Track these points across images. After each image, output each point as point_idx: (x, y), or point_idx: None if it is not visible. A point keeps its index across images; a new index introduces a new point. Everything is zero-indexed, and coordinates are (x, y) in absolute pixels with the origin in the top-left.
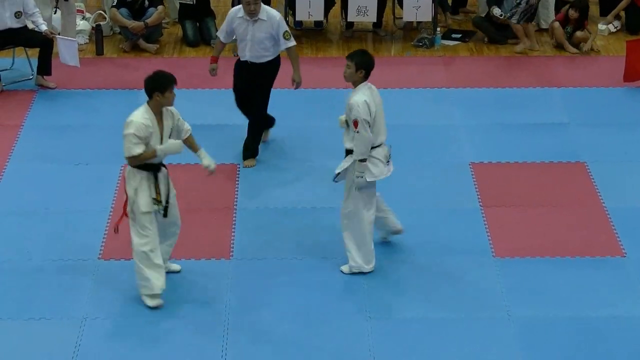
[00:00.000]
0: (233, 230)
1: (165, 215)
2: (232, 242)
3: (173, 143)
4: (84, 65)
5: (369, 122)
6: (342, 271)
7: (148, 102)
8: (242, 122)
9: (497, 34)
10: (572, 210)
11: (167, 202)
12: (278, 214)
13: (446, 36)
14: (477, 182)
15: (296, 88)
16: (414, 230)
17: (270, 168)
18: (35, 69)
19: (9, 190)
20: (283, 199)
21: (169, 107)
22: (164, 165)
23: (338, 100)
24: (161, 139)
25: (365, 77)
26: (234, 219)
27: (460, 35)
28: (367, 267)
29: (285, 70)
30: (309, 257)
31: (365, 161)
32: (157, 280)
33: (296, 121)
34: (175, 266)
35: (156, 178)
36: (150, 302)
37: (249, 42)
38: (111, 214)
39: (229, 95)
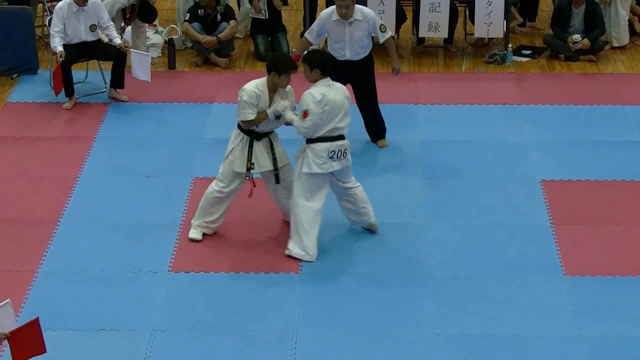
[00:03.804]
0: None
1: (277, 181)
2: None
3: (280, 103)
4: (156, 78)
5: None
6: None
7: (267, 76)
8: None
9: (569, 51)
10: None
11: (275, 169)
12: (346, 229)
13: (516, 52)
14: (548, 199)
15: (396, 74)
16: (484, 246)
17: None
18: (108, 82)
19: (81, 202)
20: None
21: (289, 88)
22: (269, 135)
23: (410, 116)
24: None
25: (322, 75)
26: None
27: (530, 52)
28: (307, 258)
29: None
30: (377, 272)
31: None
32: (209, 226)
33: (367, 136)
34: None
35: (251, 145)
36: (193, 233)
37: (347, 42)
38: (182, 226)
39: None
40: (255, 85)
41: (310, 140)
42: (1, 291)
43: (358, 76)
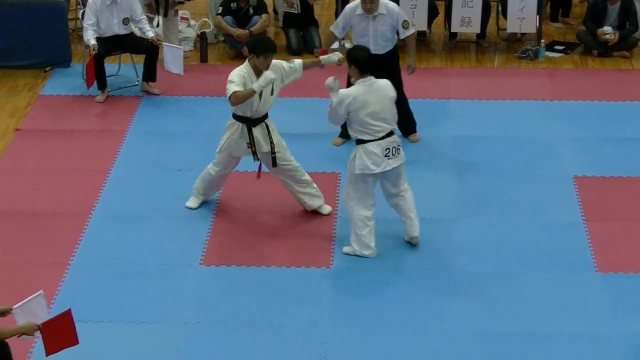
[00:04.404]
0: (333, 239)
1: (274, 165)
2: (332, 251)
3: (265, 76)
4: (188, 72)
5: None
6: (343, 251)
7: (248, 59)
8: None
9: (602, 47)
10: None
11: (273, 152)
12: (379, 224)
13: (549, 47)
14: (580, 196)
15: (410, 73)
16: (515, 242)
17: None
18: (140, 75)
19: (112, 195)
20: (388, 209)
21: (275, 63)
22: (264, 120)
23: (442, 111)
24: (260, 95)
25: (361, 73)
26: (334, 227)
27: (563, 47)
28: (365, 252)
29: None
30: (408, 268)
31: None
32: (193, 202)
33: (398, 131)
34: (326, 208)
35: (250, 130)
36: (190, 203)
37: (371, 37)
38: (213, 219)
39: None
40: (239, 69)
41: (361, 141)
42: (34, 283)
43: (383, 70)
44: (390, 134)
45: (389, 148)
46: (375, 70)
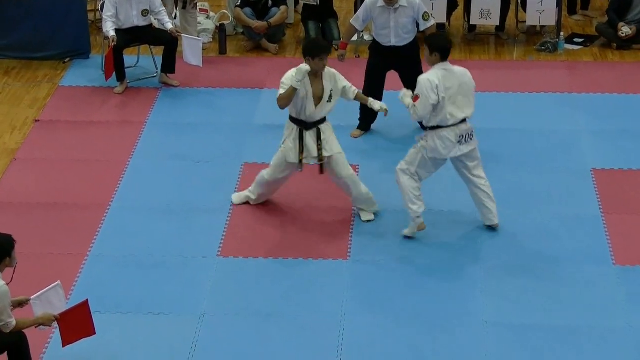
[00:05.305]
0: (351, 231)
1: (320, 172)
2: (349, 243)
3: (299, 68)
4: (207, 63)
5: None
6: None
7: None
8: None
9: (622, 40)
10: None
11: (320, 159)
12: (397, 216)
13: (568, 40)
14: (599, 189)
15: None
16: (534, 235)
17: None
18: (159, 66)
19: (131, 186)
20: (391, 200)
21: (332, 72)
22: (319, 125)
23: None
24: (314, 96)
25: (442, 60)
26: (352, 220)
27: (582, 40)
28: (416, 211)
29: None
30: (427, 260)
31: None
32: (237, 197)
33: (417, 124)
34: (369, 215)
35: (302, 136)
36: (235, 197)
37: (392, 29)
38: (231, 211)
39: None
40: (294, 69)
41: (435, 127)
42: (52, 273)
43: (404, 62)
44: (464, 120)
45: (462, 135)
46: (395, 63)
